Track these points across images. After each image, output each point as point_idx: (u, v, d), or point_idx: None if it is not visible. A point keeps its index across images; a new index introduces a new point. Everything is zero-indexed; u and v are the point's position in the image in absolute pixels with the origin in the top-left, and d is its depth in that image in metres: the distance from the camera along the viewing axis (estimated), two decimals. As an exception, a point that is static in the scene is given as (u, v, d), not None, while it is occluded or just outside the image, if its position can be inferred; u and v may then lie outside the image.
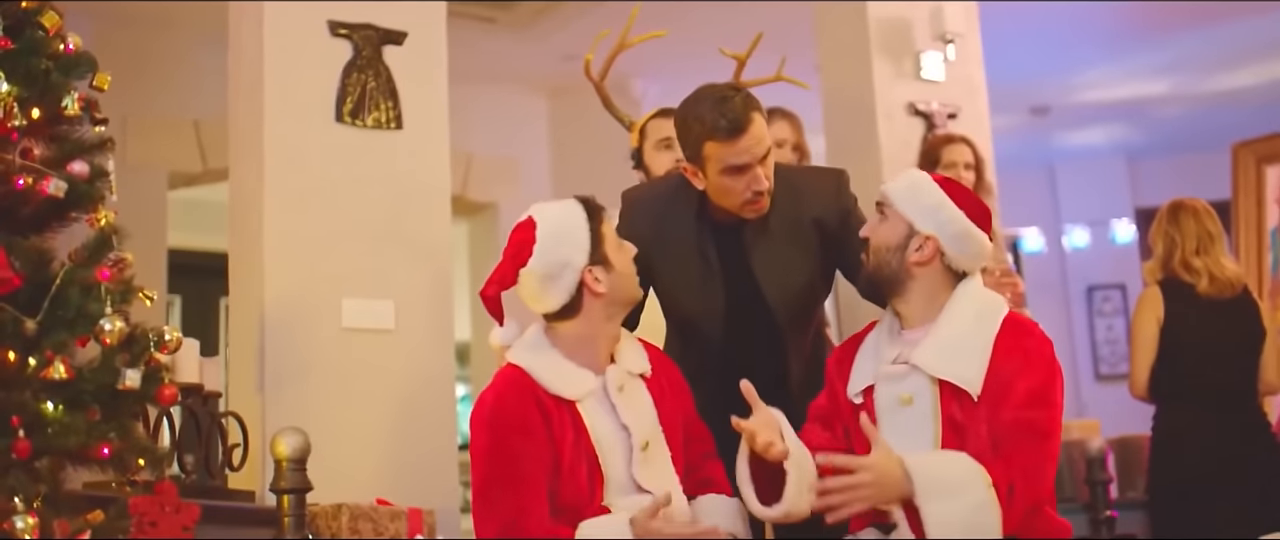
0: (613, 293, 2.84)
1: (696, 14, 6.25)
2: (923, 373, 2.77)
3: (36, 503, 2.40)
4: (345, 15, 4.38)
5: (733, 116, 2.93)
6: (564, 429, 2.75)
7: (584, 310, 2.83)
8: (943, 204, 2.83)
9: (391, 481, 4.00)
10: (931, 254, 2.82)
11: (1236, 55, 7.99)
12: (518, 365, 2.82)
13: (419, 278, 4.37)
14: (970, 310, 2.81)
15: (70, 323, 2.50)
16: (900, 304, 2.87)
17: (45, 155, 2.58)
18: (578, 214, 2.85)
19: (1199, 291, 4.46)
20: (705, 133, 2.96)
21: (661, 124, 3.78)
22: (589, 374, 2.82)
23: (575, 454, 2.75)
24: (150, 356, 2.61)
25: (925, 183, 2.89)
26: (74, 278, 2.53)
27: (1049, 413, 2.73)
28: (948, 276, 2.84)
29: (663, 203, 3.21)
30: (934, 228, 2.82)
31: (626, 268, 2.87)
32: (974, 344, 2.76)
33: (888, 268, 2.85)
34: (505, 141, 7.72)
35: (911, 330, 2.85)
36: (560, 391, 2.78)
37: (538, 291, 2.83)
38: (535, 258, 2.81)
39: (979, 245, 2.85)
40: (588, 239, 2.82)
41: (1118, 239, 9.74)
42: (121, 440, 2.50)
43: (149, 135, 6.54)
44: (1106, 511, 4.66)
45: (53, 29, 2.64)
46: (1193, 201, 4.58)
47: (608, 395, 2.81)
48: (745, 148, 2.95)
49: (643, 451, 2.78)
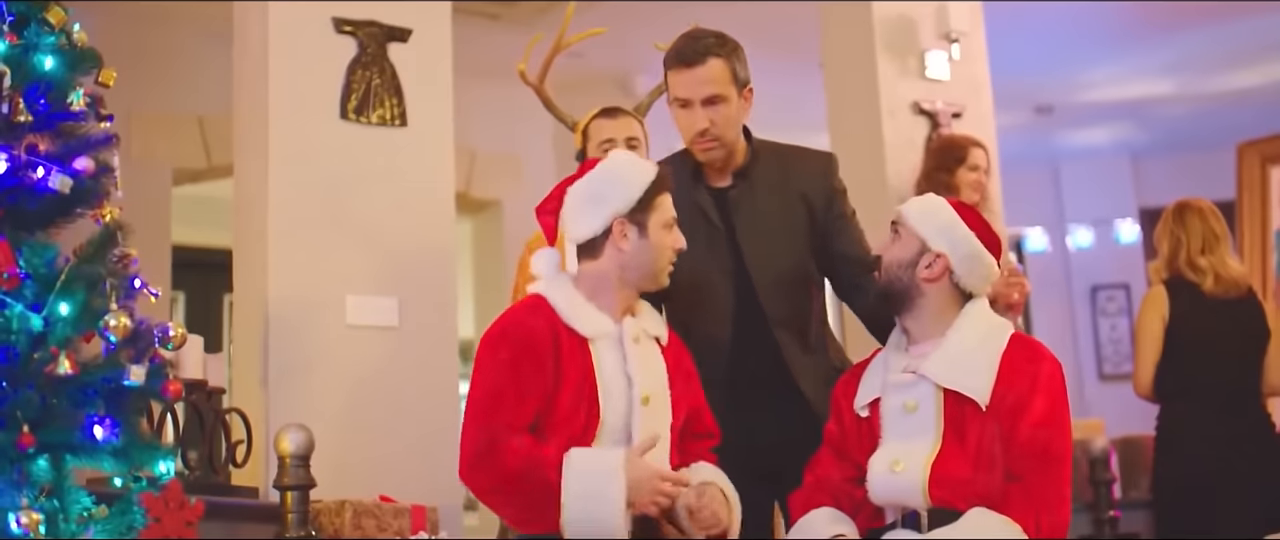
0: (635, 257, 2.86)
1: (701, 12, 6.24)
2: (929, 382, 2.83)
3: (40, 498, 2.41)
4: (350, 12, 4.38)
5: (684, 49, 3.08)
6: (572, 362, 2.78)
7: (603, 257, 2.87)
8: (955, 224, 2.92)
9: (395, 478, 4.00)
10: (941, 271, 2.89)
11: (1242, 55, 7.97)
12: (540, 294, 2.86)
13: (423, 275, 4.38)
14: (978, 328, 2.89)
15: (75, 319, 2.51)
16: (908, 320, 2.94)
17: (50, 151, 2.58)
18: (645, 170, 2.91)
19: (1204, 291, 4.46)
20: (666, 61, 3.12)
21: (605, 125, 3.73)
22: (607, 317, 2.85)
23: (577, 392, 2.78)
24: (155, 352, 2.61)
25: (940, 204, 2.98)
26: (79, 273, 2.53)
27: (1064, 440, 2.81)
28: (956, 295, 2.92)
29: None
30: (946, 246, 2.90)
31: (662, 246, 2.87)
32: (981, 357, 2.84)
33: (899, 283, 2.92)
34: (509, 138, 7.71)
35: (918, 345, 2.92)
36: (577, 326, 2.82)
37: (572, 212, 2.90)
38: (584, 180, 2.90)
39: (987, 268, 2.93)
40: (638, 194, 2.86)
41: (1122, 239, 9.73)
42: (126, 436, 2.51)
43: (153, 131, 6.55)
44: (1110, 511, 4.67)
45: (58, 24, 2.64)
46: (1198, 201, 4.58)
47: (621, 344, 2.84)
48: (685, 82, 3.06)
49: (643, 405, 2.82)
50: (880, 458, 2.84)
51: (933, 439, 2.80)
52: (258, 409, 4.06)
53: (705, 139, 3.10)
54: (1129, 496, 5.07)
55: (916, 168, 5.34)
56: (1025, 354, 2.86)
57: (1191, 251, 4.50)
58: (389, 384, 4.27)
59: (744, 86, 3.11)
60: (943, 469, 2.76)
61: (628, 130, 3.73)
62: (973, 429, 2.79)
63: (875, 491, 2.84)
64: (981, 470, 2.76)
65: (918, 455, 2.79)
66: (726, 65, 3.07)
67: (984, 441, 2.77)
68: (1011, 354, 2.84)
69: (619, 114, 3.80)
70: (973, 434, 2.78)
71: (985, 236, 2.94)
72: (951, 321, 2.89)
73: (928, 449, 2.79)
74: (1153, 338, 4.49)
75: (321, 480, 3.36)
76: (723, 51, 3.08)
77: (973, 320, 2.90)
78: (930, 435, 2.81)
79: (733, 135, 3.13)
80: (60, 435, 2.45)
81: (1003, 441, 2.77)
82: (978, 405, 2.79)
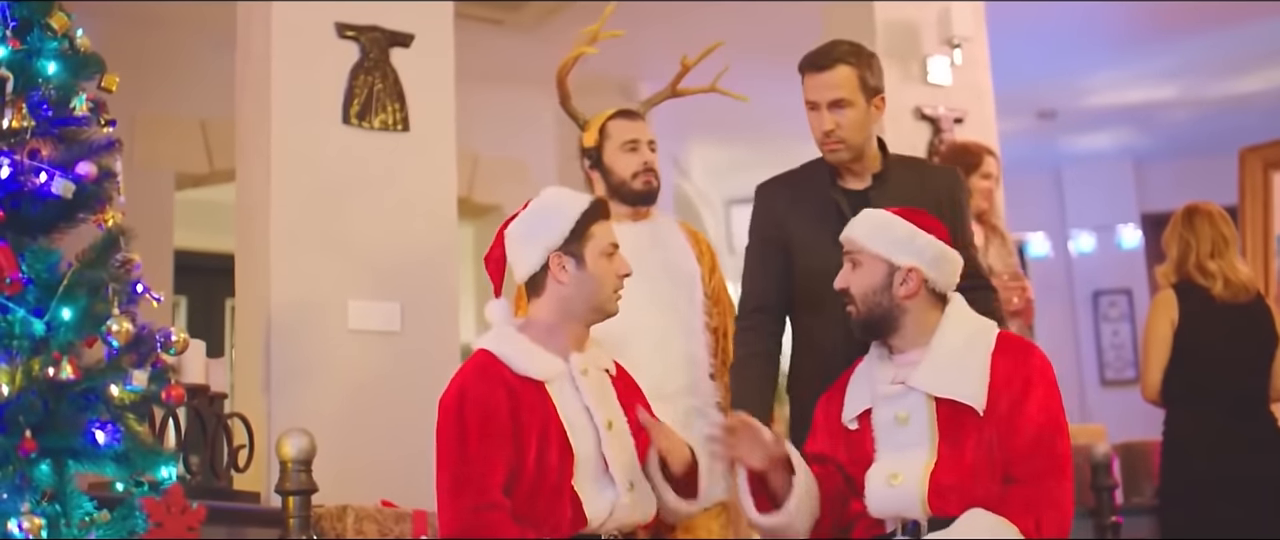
0: (576, 289, 2.87)
1: (703, 15, 6.25)
2: (919, 392, 2.81)
3: (42, 503, 2.41)
4: (353, 17, 4.38)
5: (816, 55, 3.25)
6: (532, 409, 2.79)
7: (546, 294, 2.89)
8: (913, 233, 2.89)
9: (397, 483, 4.00)
10: (917, 285, 2.87)
11: (1244, 59, 7.97)
12: (487, 350, 2.86)
13: (425, 280, 4.38)
14: (962, 331, 2.87)
15: (77, 324, 2.51)
16: (893, 339, 2.91)
17: (53, 155, 2.58)
18: (574, 202, 2.93)
19: (1214, 295, 4.45)
20: (800, 66, 3.28)
21: (627, 125, 3.68)
22: (556, 358, 2.87)
23: (544, 434, 2.79)
24: (157, 357, 2.61)
25: (886, 219, 2.94)
26: (81, 278, 2.53)
27: (1063, 439, 2.79)
28: (934, 301, 2.90)
29: (796, 176, 3.41)
30: (913, 258, 2.87)
31: (603, 275, 2.89)
32: (970, 362, 2.81)
33: (879, 309, 2.88)
34: (512, 143, 7.71)
35: (904, 354, 2.89)
36: (528, 372, 2.83)
37: (511, 253, 2.94)
38: (518, 219, 2.95)
39: (955, 264, 2.93)
40: (569, 226, 2.88)
41: (1124, 244, 9.72)
42: (127, 441, 2.51)
43: (156, 136, 6.55)
44: (1112, 517, 4.66)
45: (61, 29, 2.64)
46: (1208, 205, 4.57)
47: (572, 379, 2.87)
48: (814, 86, 3.23)
49: (608, 430, 2.85)
50: (877, 471, 2.81)
51: (928, 449, 2.78)
52: (259, 414, 4.06)
53: (830, 140, 3.23)
54: (1131, 502, 5.05)
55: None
56: (1015, 354, 2.84)
57: (1201, 256, 4.49)
58: (391, 389, 4.26)
59: (875, 94, 3.24)
60: (941, 479, 2.74)
61: (649, 132, 3.70)
62: (969, 436, 2.77)
63: (874, 505, 2.82)
64: (981, 477, 2.74)
65: (915, 467, 2.76)
66: (855, 72, 3.21)
67: (981, 448, 2.76)
68: (1001, 355, 2.82)
69: (638, 116, 3.77)
70: (969, 441, 2.76)
71: (938, 231, 2.92)
72: (934, 327, 2.87)
73: (924, 460, 2.77)
74: (1161, 342, 4.48)
75: (323, 485, 3.36)
76: (853, 60, 3.22)
77: (956, 324, 2.87)
78: (925, 446, 2.78)
79: (858, 139, 3.24)
80: (62, 440, 2.45)
81: (1000, 445, 2.75)
82: (972, 411, 2.76)
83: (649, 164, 3.64)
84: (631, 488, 2.84)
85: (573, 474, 2.79)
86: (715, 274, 3.73)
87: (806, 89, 3.25)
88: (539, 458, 2.77)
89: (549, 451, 2.78)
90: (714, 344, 3.61)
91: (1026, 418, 2.76)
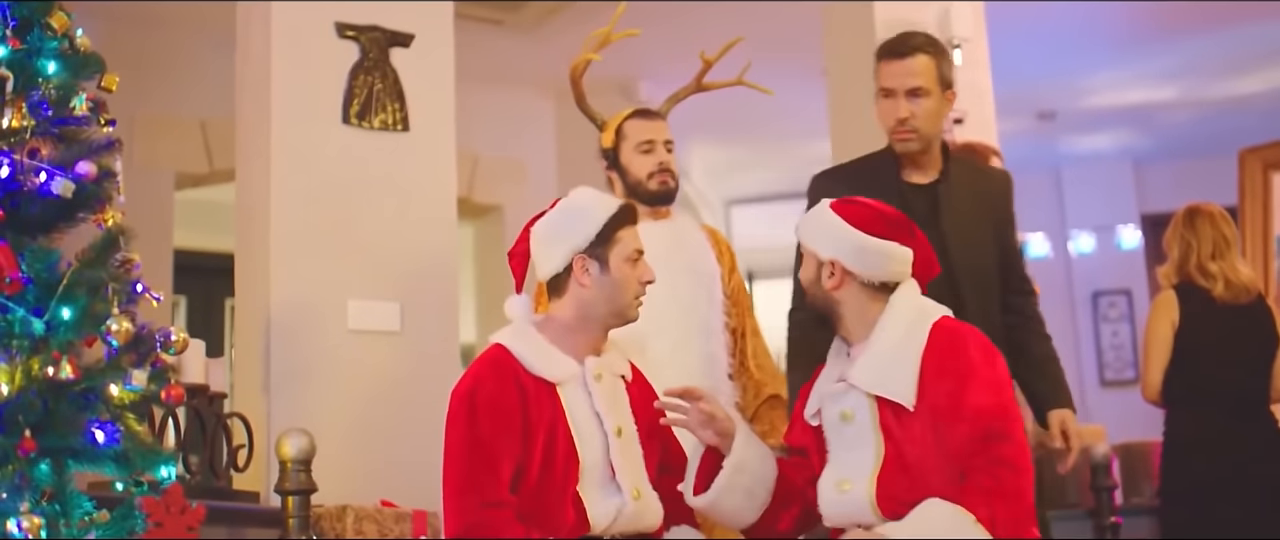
0: (598, 292, 2.85)
1: (703, 15, 6.25)
2: (859, 390, 2.76)
3: (42, 503, 2.41)
4: (353, 17, 4.38)
5: (896, 42, 3.29)
6: (542, 410, 2.78)
7: (568, 295, 2.87)
8: (835, 224, 2.83)
9: (396, 483, 4.00)
10: (841, 276, 2.81)
11: (1244, 60, 7.97)
12: (501, 345, 2.85)
13: (425, 280, 4.37)
14: (901, 323, 2.77)
15: (77, 323, 2.51)
16: (842, 329, 2.87)
17: (53, 155, 2.58)
18: (603, 204, 2.90)
19: (1214, 296, 4.45)
20: (877, 53, 3.34)
21: (644, 125, 3.65)
22: (570, 360, 2.85)
23: (551, 437, 2.78)
24: (156, 357, 2.61)
25: (820, 211, 2.89)
26: (81, 278, 2.53)
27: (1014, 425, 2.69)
28: (872, 292, 2.81)
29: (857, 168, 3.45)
30: (834, 251, 2.81)
31: (625, 280, 2.86)
32: (903, 356, 2.73)
33: (818, 301, 2.86)
34: (512, 143, 7.72)
35: (855, 347, 2.84)
36: (541, 373, 2.82)
37: (537, 251, 2.92)
38: (545, 218, 2.92)
39: (882, 255, 2.81)
40: (595, 229, 2.85)
41: (1123, 245, 9.72)
42: (127, 441, 2.50)
43: (156, 135, 6.55)
44: (1111, 518, 4.66)
45: (61, 29, 2.64)
46: (1209, 206, 4.57)
47: (585, 383, 2.85)
48: (893, 72, 3.27)
49: (617, 437, 2.83)
50: (827, 477, 2.77)
51: (873, 451, 2.72)
52: (259, 413, 4.06)
53: (903, 129, 3.27)
54: (1131, 503, 5.05)
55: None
56: (950, 343, 2.73)
57: (1202, 257, 4.49)
58: (391, 389, 4.26)
59: (948, 87, 3.28)
60: (888, 483, 2.68)
61: (666, 133, 3.68)
62: (911, 433, 2.69)
63: (827, 514, 2.77)
64: (929, 477, 2.66)
65: (862, 471, 2.71)
66: (933, 62, 3.27)
67: (923, 445, 2.68)
68: (934, 346, 2.72)
69: (655, 116, 3.74)
70: (912, 439, 2.69)
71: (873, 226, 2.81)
72: (876, 320, 2.80)
73: (871, 463, 2.71)
74: (1162, 343, 4.48)
75: (323, 485, 3.36)
76: (932, 49, 3.28)
77: (896, 316, 2.78)
78: (870, 446, 2.73)
79: (930, 130, 3.28)
80: (62, 440, 2.45)
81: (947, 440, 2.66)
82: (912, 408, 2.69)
83: (665, 165, 3.62)
84: (638, 495, 2.82)
85: (577, 478, 2.78)
86: (734, 274, 3.72)
87: (883, 76, 3.27)
88: (545, 459, 2.76)
89: (555, 454, 2.77)
90: (732, 344, 3.60)
91: (968, 407, 2.66)
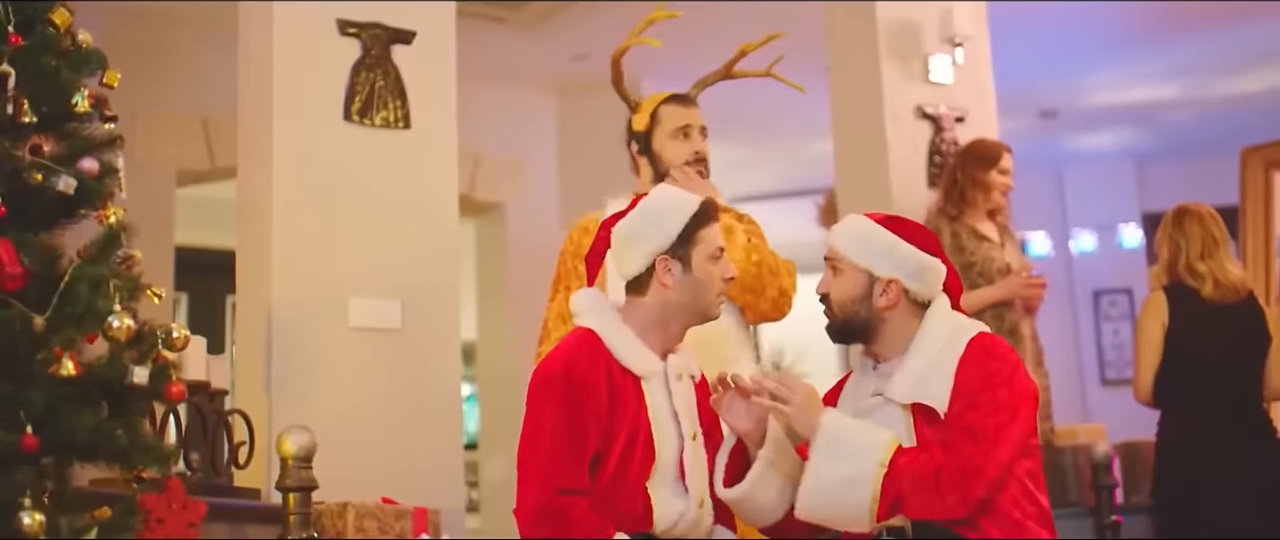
0: (679, 293, 2.86)
1: (706, 15, 6.25)
2: (895, 404, 2.77)
3: (43, 499, 2.41)
4: (354, 14, 4.38)
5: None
6: (627, 401, 2.79)
7: (649, 294, 2.87)
8: (895, 244, 2.84)
9: (397, 480, 4.00)
10: (897, 296, 2.83)
11: (1246, 59, 7.97)
12: (591, 329, 2.85)
13: (426, 277, 4.38)
14: (940, 337, 2.81)
15: (78, 319, 2.51)
16: (874, 347, 2.88)
17: (55, 152, 2.59)
18: (685, 204, 2.90)
19: (1204, 296, 4.45)
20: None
21: (679, 111, 3.61)
22: (655, 357, 2.86)
23: (632, 431, 2.78)
24: (158, 353, 2.61)
25: (869, 228, 2.89)
26: (82, 274, 2.54)
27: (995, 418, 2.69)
28: (914, 309, 2.85)
29: None
30: (893, 270, 2.83)
31: (708, 280, 2.87)
32: (941, 366, 2.76)
33: (857, 318, 2.86)
34: (513, 141, 7.72)
35: (887, 363, 2.86)
36: (630, 364, 2.83)
37: (617, 251, 2.93)
38: (626, 220, 2.92)
39: (937, 273, 2.87)
40: (677, 230, 2.85)
41: (1125, 244, 9.72)
42: (128, 437, 2.51)
43: (157, 132, 6.55)
44: (1112, 516, 4.66)
45: (63, 26, 2.65)
46: (1198, 206, 4.57)
47: (667, 381, 2.86)
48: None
49: (692, 441, 2.84)
50: None
51: None
52: (260, 410, 4.06)
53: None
54: (1131, 502, 5.05)
55: (919, 172, 5.35)
56: (980, 353, 2.76)
57: (1191, 257, 4.49)
58: (392, 386, 4.27)
59: None
60: None
61: (701, 118, 3.64)
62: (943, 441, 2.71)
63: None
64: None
65: None
66: None
67: None
68: (969, 356, 2.75)
69: (690, 102, 3.70)
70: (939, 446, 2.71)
71: (920, 240, 2.87)
72: (912, 336, 2.82)
73: None
74: (1152, 343, 4.49)
75: (324, 482, 3.35)
76: None
77: (934, 330, 2.81)
78: None
79: None
80: (63, 436, 2.45)
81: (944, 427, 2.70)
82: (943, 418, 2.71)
83: (700, 152, 3.58)
84: (702, 503, 2.83)
85: (650, 475, 2.79)
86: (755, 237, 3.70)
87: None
88: (625, 451, 2.77)
89: (635, 447, 2.78)
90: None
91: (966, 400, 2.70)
